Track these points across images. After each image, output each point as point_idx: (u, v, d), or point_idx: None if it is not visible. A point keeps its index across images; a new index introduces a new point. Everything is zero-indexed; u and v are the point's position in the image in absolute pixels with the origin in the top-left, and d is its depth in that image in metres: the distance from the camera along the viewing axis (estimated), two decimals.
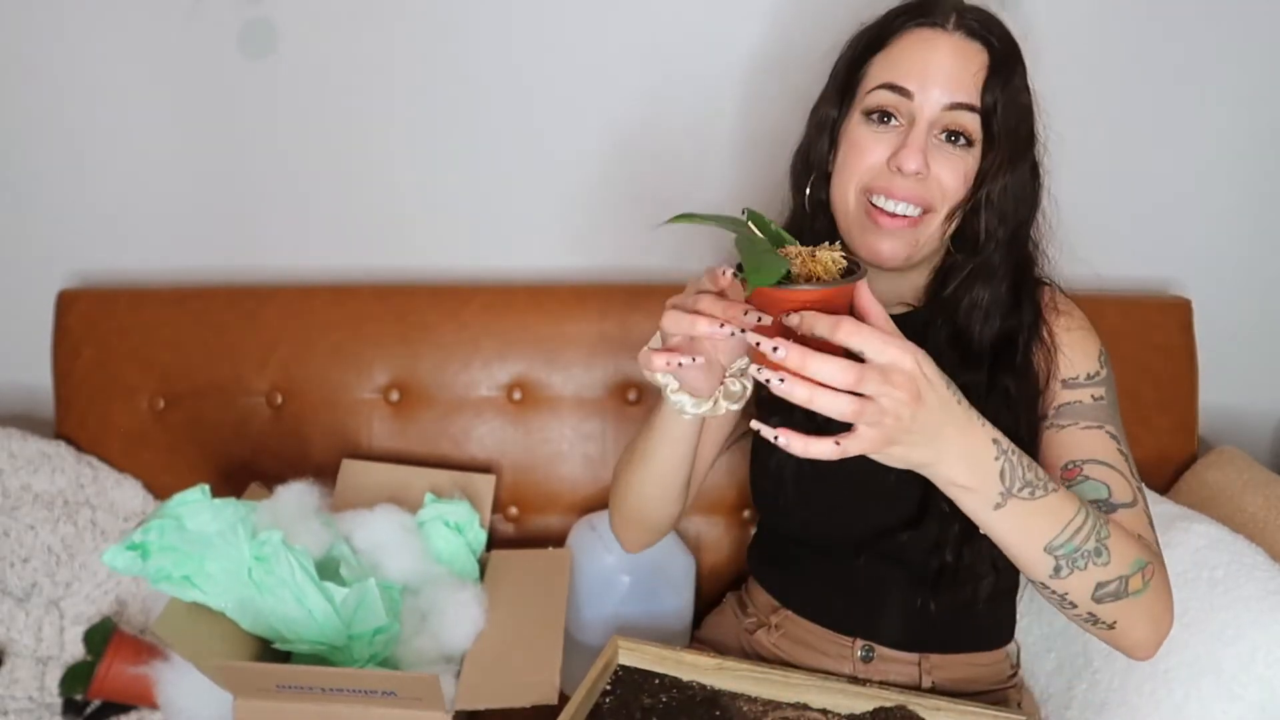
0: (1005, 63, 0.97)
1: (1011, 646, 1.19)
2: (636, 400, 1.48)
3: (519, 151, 1.52)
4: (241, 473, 1.44)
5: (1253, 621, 1.12)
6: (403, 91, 1.49)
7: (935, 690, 1.08)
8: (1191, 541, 1.22)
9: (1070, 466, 0.95)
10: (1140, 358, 1.47)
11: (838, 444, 0.70)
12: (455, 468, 1.44)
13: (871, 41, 1.01)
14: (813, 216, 1.05)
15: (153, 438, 1.47)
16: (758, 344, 0.70)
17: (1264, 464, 1.40)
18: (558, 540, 1.43)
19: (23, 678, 1.27)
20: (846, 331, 0.69)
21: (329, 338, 1.48)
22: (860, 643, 1.10)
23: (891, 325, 0.74)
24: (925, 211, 0.97)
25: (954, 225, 0.99)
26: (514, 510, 1.48)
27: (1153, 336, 1.48)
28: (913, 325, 0.98)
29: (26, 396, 1.61)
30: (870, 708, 1.02)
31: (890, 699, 1.03)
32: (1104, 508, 0.92)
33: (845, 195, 1.00)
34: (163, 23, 1.45)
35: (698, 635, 1.29)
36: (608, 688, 1.06)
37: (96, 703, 1.26)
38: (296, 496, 1.23)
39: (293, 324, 1.48)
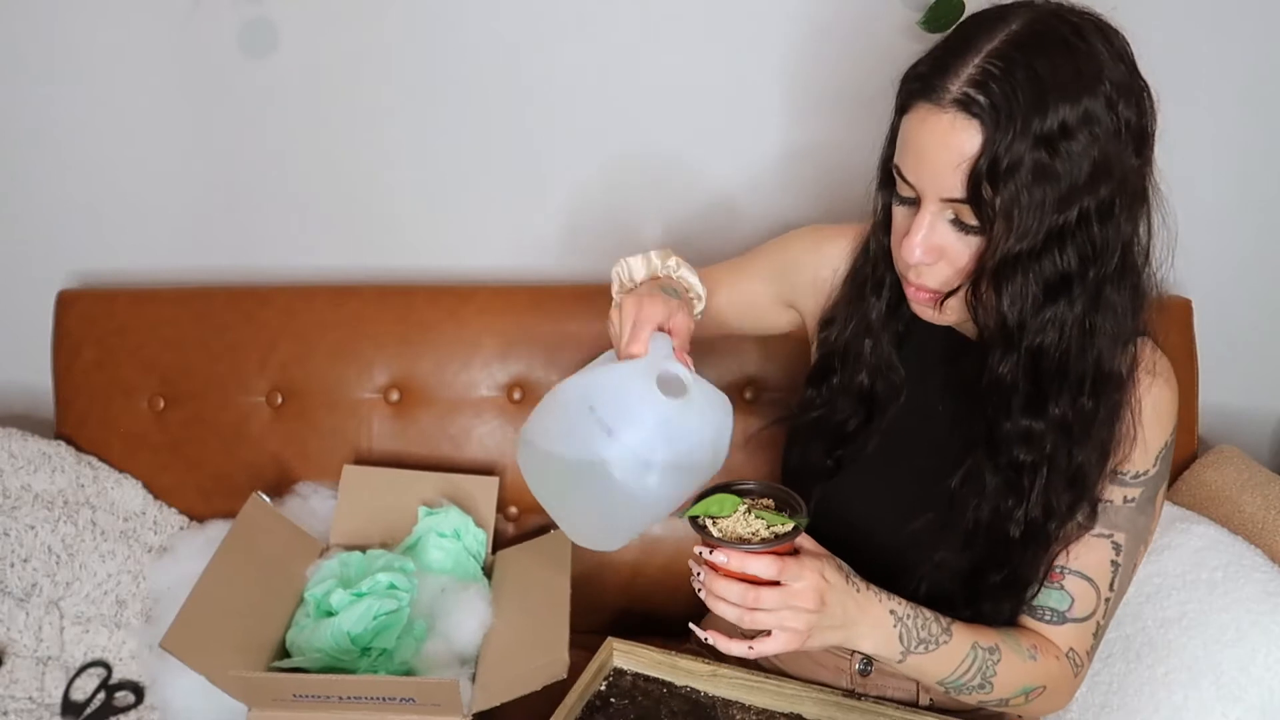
0: (1003, 137, 0.82)
1: None
2: None
3: (519, 151, 1.52)
4: (241, 473, 1.44)
5: (1252, 623, 1.12)
6: (403, 91, 1.49)
7: (934, 708, 1.07)
8: (1190, 543, 1.22)
9: (1057, 570, 0.99)
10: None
11: (750, 647, 0.89)
12: (455, 467, 1.44)
13: (898, 101, 0.91)
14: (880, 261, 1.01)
15: (153, 438, 1.46)
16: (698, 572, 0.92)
17: (1264, 464, 1.40)
18: None
19: (23, 678, 1.26)
20: (755, 568, 0.87)
21: (329, 338, 1.48)
22: (858, 656, 1.08)
23: (811, 543, 0.93)
24: (940, 291, 0.92)
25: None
26: (514, 510, 1.48)
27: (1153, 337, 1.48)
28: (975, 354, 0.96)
29: (26, 396, 1.61)
30: None
31: (886, 714, 1.03)
32: (1056, 618, 0.99)
33: (895, 264, 0.96)
34: (163, 22, 1.45)
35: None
36: (601, 689, 1.06)
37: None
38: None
39: (293, 324, 1.47)
